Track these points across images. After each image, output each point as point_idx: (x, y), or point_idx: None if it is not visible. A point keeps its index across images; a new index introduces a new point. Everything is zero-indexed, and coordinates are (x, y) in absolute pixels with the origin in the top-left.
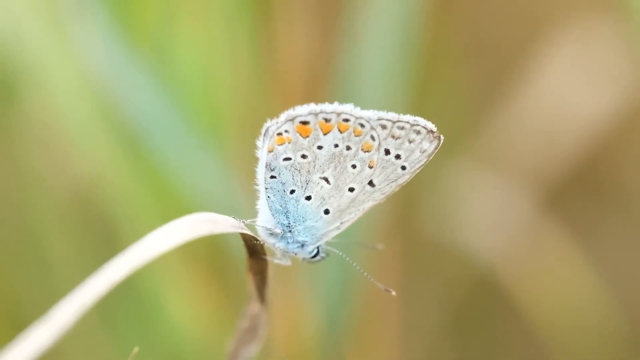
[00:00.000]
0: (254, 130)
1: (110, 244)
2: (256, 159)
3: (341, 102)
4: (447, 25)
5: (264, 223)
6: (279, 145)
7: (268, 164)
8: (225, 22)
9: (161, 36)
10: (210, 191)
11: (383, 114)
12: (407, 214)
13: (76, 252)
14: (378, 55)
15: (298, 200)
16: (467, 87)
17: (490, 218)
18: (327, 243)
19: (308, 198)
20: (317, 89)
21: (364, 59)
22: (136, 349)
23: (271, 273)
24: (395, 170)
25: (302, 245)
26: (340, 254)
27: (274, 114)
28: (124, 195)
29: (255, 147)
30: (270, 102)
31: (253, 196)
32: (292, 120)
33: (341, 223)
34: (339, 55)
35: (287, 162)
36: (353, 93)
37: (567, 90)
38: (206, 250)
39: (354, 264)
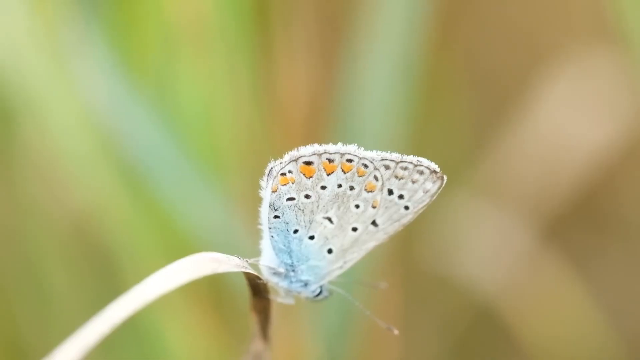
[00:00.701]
0: (255, 167)
1: (109, 276)
2: (256, 195)
3: (342, 136)
4: (447, 56)
5: (267, 262)
6: (283, 185)
7: (272, 203)
8: (226, 57)
9: (162, 71)
10: (210, 227)
11: (386, 154)
12: (407, 246)
13: (75, 284)
14: (379, 89)
15: (301, 240)
16: (466, 117)
17: (490, 249)
18: (330, 282)
19: (311, 238)
20: (318, 124)
21: (364, 93)
22: None
23: (274, 312)
24: (399, 210)
25: (306, 285)
26: (344, 293)
27: (275, 150)
28: (123, 229)
29: (256, 183)
30: (271, 137)
31: (253, 231)
32: (295, 160)
33: (344, 262)
34: (340, 91)
35: (290, 202)
36: (354, 128)
37: (567, 121)
38: (207, 285)
39: (357, 303)
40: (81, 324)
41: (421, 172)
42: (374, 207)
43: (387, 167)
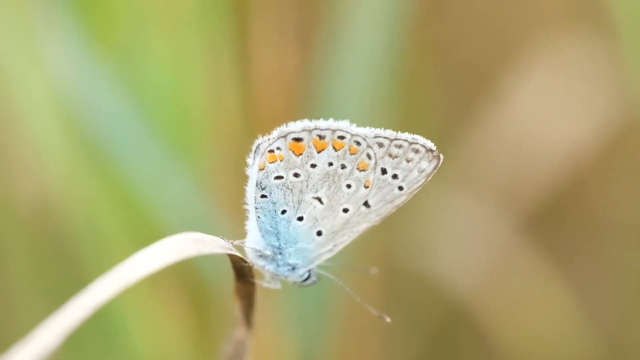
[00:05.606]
0: (226, 144)
1: (72, 263)
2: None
3: (317, 117)
4: (419, 50)
5: (253, 244)
6: (271, 163)
7: (258, 182)
8: (198, 36)
9: (131, 44)
10: (179, 211)
11: (380, 131)
12: (380, 239)
13: (36, 270)
14: (355, 74)
15: (289, 221)
16: (442, 109)
17: (465, 244)
18: (318, 266)
19: (300, 219)
20: (293, 107)
21: (340, 77)
22: None
23: (258, 297)
24: (392, 190)
25: (293, 268)
26: (333, 278)
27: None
28: (88, 212)
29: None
30: (244, 118)
31: (223, 211)
32: (284, 136)
33: (334, 245)
34: (315, 74)
35: (278, 181)
36: (330, 111)
37: (543, 114)
38: (176, 276)
39: (347, 289)
40: (44, 310)
41: (416, 151)
42: (366, 187)
43: (380, 145)
